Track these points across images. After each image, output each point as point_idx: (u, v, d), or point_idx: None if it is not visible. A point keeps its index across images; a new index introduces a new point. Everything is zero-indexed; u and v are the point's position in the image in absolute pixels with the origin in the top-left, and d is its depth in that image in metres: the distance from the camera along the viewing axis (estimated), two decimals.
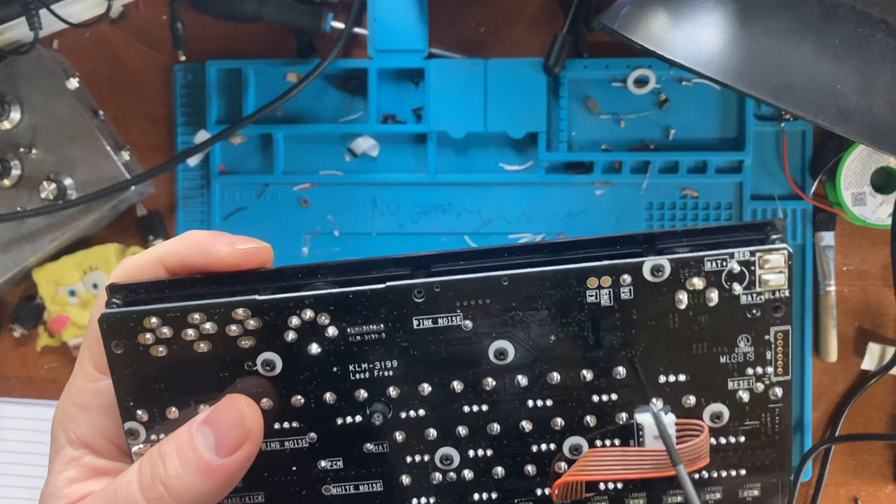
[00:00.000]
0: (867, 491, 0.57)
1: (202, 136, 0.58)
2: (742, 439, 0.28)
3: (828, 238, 0.56)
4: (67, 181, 0.56)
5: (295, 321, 0.27)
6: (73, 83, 0.56)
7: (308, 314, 0.27)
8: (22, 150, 0.56)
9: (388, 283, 0.27)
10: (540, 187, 0.57)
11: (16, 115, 0.56)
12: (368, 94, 0.56)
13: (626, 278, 0.27)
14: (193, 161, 0.59)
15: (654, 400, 0.28)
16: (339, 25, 0.55)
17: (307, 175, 0.58)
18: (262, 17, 0.54)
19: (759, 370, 0.28)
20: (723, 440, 0.28)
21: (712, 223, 0.27)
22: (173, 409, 0.28)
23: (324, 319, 0.27)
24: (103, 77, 0.60)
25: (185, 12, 0.57)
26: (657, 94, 0.56)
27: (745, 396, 0.28)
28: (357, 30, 0.56)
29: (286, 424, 0.28)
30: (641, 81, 0.56)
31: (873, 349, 0.56)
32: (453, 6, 0.58)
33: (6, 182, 0.56)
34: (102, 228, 0.60)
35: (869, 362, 0.56)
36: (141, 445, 0.28)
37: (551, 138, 0.57)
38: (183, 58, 0.58)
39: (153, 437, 0.28)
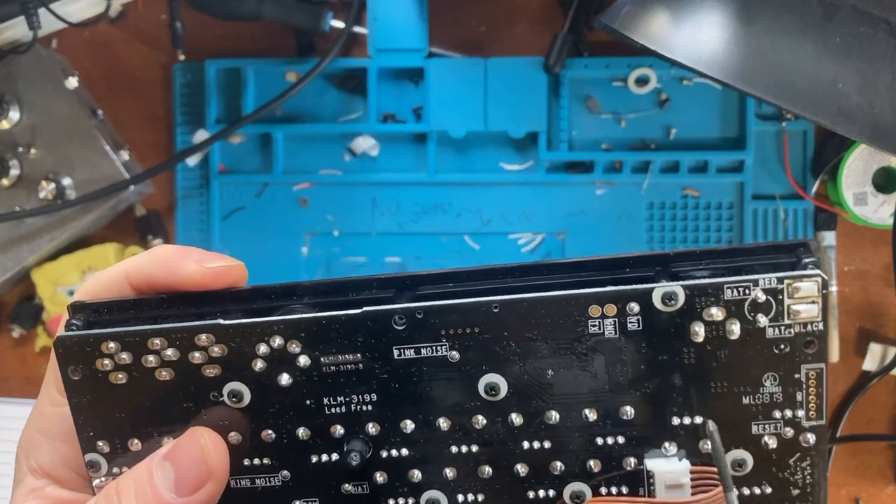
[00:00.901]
0: (868, 492, 0.57)
1: (201, 135, 0.58)
2: (768, 490, 0.25)
3: (829, 238, 0.55)
4: (66, 181, 0.56)
5: (263, 349, 0.25)
6: (72, 82, 0.56)
7: (277, 341, 0.25)
8: (21, 149, 0.56)
9: (365, 309, 0.25)
10: (540, 187, 0.57)
11: (14, 114, 0.56)
12: (368, 93, 0.56)
13: (634, 307, 0.24)
14: (192, 161, 0.59)
15: (666, 444, 0.25)
16: (339, 24, 0.55)
17: (307, 175, 0.58)
18: (261, 16, 0.54)
19: (788, 413, 0.24)
20: (746, 491, 0.25)
21: (740, 244, 0.25)
22: (136, 440, 0.26)
23: (294, 347, 0.25)
24: (102, 76, 0.59)
25: (184, 11, 0.57)
26: (658, 94, 0.56)
27: (772, 442, 0.25)
28: (357, 29, 0.56)
29: (256, 461, 0.26)
30: (642, 81, 0.56)
31: (874, 349, 0.56)
32: (453, 5, 0.57)
33: (5, 182, 0.56)
34: (101, 228, 0.60)
35: (870, 363, 0.56)
36: (103, 478, 0.26)
37: (552, 138, 0.57)
38: (182, 57, 0.58)
39: (115, 469, 0.26)
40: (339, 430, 0.26)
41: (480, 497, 0.26)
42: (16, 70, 0.56)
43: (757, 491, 0.25)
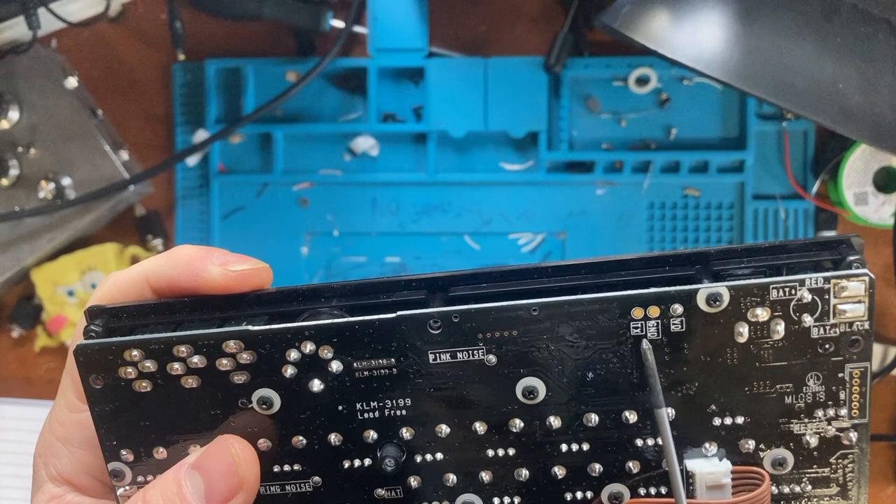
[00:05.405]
0: (869, 492, 0.56)
1: (201, 135, 0.58)
2: (809, 487, 0.25)
3: None
4: (66, 181, 0.56)
5: (294, 355, 0.24)
6: (72, 82, 0.56)
7: (309, 347, 0.24)
8: (20, 149, 0.56)
9: (400, 313, 0.24)
10: (540, 187, 0.57)
11: (14, 114, 0.56)
12: (368, 93, 0.56)
13: (678, 308, 0.24)
14: (192, 160, 0.59)
15: (706, 444, 0.25)
16: (339, 24, 0.55)
17: (306, 174, 0.58)
18: (261, 15, 0.54)
19: (831, 412, 0.24)
20: (786, 489, 0.25)
21: (783, 240, 0.25)
22: (161, 448, 0.25)
23: (326, 353, 0.24)
24: (102, 76, 0.59)
25: (184, 11, 0.57)
26: (658, 94, 0.56)
27: (814, 441, 0.25)
28: (357, 28, 0.56)
29: (287, 467, 0.26)
30: (643, 80, 0.55)
31: (875, 350, 0.56)
32: (453, 5, 0.57)
33: (4, 182, 0.56)
34: (101, 228, 0.60)
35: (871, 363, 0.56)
36: (127, 487, 0.26)
37: (552, 137, 0.57)
38: (182, 57, 0.58)
39: (140, 478, 0.26)
40: (372, 435, 0.25)
41: (517, 499, 0.26)
42: (15, 70, 0.56)
43: (797, 489, 0.25)
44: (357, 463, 0.26)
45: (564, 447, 0.25)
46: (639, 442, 0.25)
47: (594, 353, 0.24)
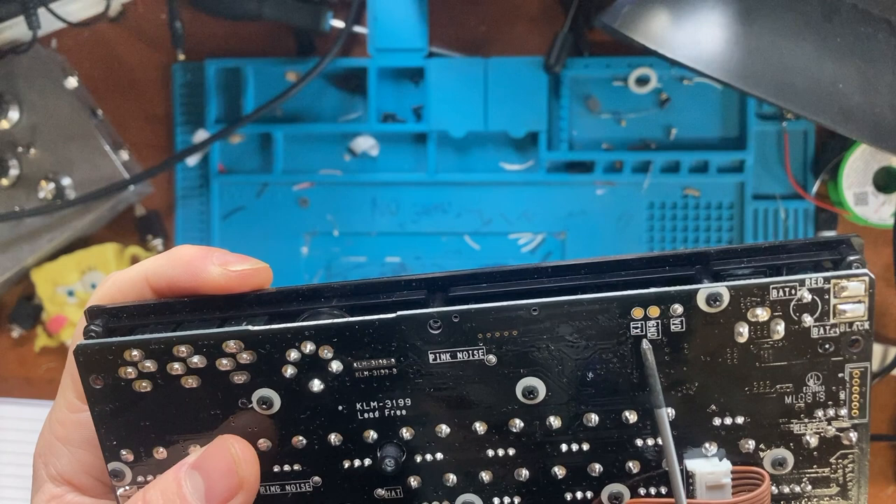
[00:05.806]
0: (869, 492, 0.56)
1: (201, 135, 0.58)
2: (809, 487, 0.25)
3: None
4: (66, 181, 0.56)
5: (294, 355, 0.24)
6: (72, 82, 0.56)
7: (309, 347, 0.24)
8: (20, 149, 0.56)
9: (400, 313, 0.24)
10: (540, 187, 0.57)
11: (14, 114, 0.56)
12: (368, 93, 0.56)
13: (678, 308, 0.24)
14: (192, 160, 0.59)
15: (706, 444, 0.25)
16: (339, 24, 0.55)
17: (306, 174, 0.58)
18: (261, 15, 0.54)
19: (831, 412, 0.24)
20: (786, 489, 0.25)
21: (783, 240, 0.25)
22: (161, 448, 0.26)
23: (326, 353, 0.24)
24: (102, 76, 0.59)
25: (184, 11, 0.57)
26: (658, 94, 0.56)
27: (814, 441, 0.25)
28: (357, 28, 0.56)
29: (287, 467, 0.26)
30: (643, 80, 0.55)
31: (875, 350, 0.56)
32: (453, 5, 0.57)
33: (4, 182, 0.56)
34: (101, 228, 0.60)
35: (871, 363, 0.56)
36: (127, 487, 0.26)
37: (552, 137, 0.57)
38: (182, 57, 0.58)
39: (140, 478, 0.26)
40: (372, 435, 0.25)
41: (517, 500, 0.26)
42: (15, 70, 0.56)
43: (797, 489, 0.25)
44: (357, 463, 0.26)
45: (564, 447, 0.25)
46: (639, 442, 0.25)
47: (594, 353, 0.24)
